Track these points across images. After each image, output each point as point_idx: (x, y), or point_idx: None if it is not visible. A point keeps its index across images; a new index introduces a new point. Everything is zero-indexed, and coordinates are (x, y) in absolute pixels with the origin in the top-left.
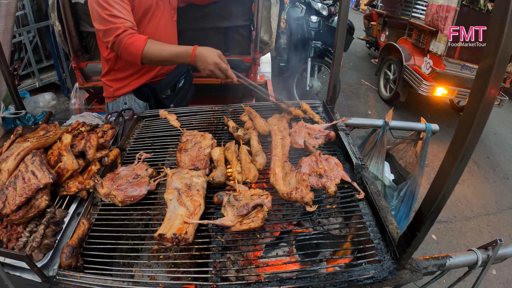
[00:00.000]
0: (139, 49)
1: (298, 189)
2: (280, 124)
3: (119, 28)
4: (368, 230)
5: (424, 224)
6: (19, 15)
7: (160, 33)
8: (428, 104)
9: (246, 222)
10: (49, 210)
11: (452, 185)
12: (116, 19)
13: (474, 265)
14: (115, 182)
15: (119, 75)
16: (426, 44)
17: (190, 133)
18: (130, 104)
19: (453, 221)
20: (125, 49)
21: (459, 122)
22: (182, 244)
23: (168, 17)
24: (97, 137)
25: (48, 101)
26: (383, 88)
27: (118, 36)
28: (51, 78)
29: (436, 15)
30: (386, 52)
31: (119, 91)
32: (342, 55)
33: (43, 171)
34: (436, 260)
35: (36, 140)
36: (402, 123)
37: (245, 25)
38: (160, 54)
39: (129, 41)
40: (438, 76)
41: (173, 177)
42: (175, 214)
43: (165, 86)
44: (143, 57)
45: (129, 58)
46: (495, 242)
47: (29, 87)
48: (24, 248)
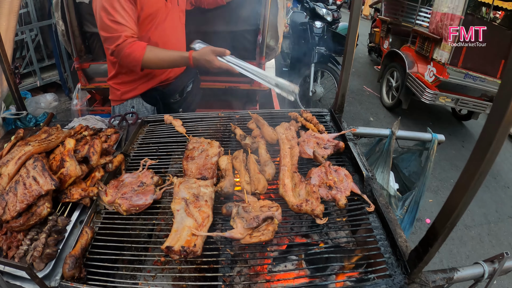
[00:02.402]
0: (138, 59)
1: (308, 201)
2: (288, 133)
3: (120, 37)
4: (379, 244)
5: (437, 240)
6: (21, 13)
7: (169, 36)
8: (430, 112)
9: (256, 235)
10: (51, 218)
11: (468, 202)
12: (119, 26)
13: (481, 278)
14: (119, 190)
15: (127, 78)
16: (430, 52)
17: (197, 140)
18: (137, 108)
19: (454, 230)
20: (124, 58)
21: (477, 141)
22: (191, 257)
23: (176, 19)
24: (101, 143)
25: (49, 102)
26: (385, 95)
27: (118, 45)
28: (53, 78)
29: (440, 23)
30: (389, 59)
31: (127, 95)
32: (351, 62)
33: (45, 177)
34: (444, 273)
35: (38, 144)
36: (409, 133)
37: (252, 30)
38: (158, 63)
39: (128, 51)
40: (441, 84)
41: (180, 187)
42: (183, 225)
43: (174, 90)
44: (142, 65)
45: (128, 66)
46: (501, 255)
47: (30, 86)
48: (24, 256)
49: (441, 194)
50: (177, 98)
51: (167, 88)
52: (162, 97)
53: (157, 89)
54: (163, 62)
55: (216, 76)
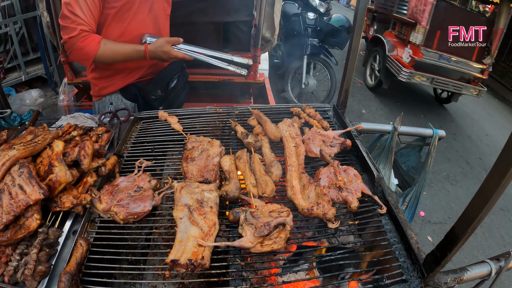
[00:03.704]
0: (91, 53)
1: (319, 205)
2: (291, 130)
3: (75, 30)
4: (393, 248)
5: (456, 245)
6: (5, 5)
7: (149, 27)
8: (413, 94)
9: (267, 243)
10: (41, 230)
11: (490, 207)
12: (75, 18)
13: (488, 276)
14: (114, 196)
15: (104, 73)
16: (407, 35)
17: (196, 139)
18: (116, 104)
19: (448, 222)
20: (76, 51)
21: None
22: (198, 270)
23: (160, 10)
24: (92, 144)
25: (35, 99)
26: (368, 77)
27: (72, 38)
28: (38, 72)
29: (415, 8)
30: (373, 44)
31: (105, 90)
32: (356, 56)
33: (32, 185)
34: (455, 273)
35: (23, 147)
36: (411, 129)
37: (246, 21)
38: (113, 57)
39: (81, 45)
40: (417, 64)
41: (182, 192)
42: (187, 235)
43: (154, 86)
44: (95, 59)
45: (79, 60)
46: (507, 253)
47: (14, 80)
48: (15, 273)
49: (434, 187)
50: (159, 94)
51: (148, 84)
52: (142, 93)
53: (136, 84)
54: (118, 56)
55: (207, 69)
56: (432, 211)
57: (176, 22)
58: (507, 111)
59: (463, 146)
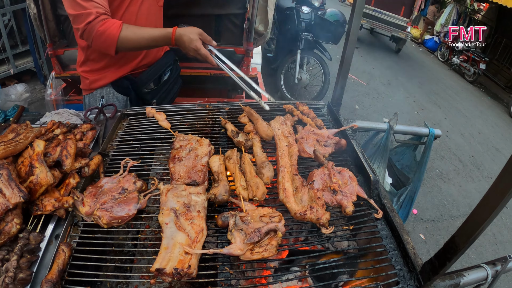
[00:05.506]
0: (113, 37)
1: (313, 209)
2: (284, 128)
3: (91, 14)
4: (389, 255)
5: (456, 255)
6: None
7: (142, 19)
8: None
9: (258, 250)
10: (22, 236)
11: (493, 218)
12: (88, 3)
13: (484, 281)
14: (98, 199)
15: (96, 65)
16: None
17: (184, 138)
18: (108, 98)
19: (440, 220)
20: (97, 37)
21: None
22: (185, 279)
23: (153, 1)
24: (75, 144)
25: (20, 94)
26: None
27: (89, 23)
28: (27, 65)
29: None
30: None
31: (96, 84)
32: (353, 52)
33: (11, 188)
34: (451, 279)
35: (3, 147)
36: (406, 128)
37: (239, 14)
38: (137, 41)
39: (101, 29)
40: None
41: (168, 195)
42: (173, 241)
43: (147, 79)
44: (118, 46)
45: (101, 47)
46: (504, 258)
47: (3, 74)
48: None
49: (426, 184)
50: (152, 88)
51: (140, 77)
52: (135, 86)
53: (128, 77)
54: (142, 40)
55: (199, 62)
56: (424, 209)
57: (167, 14)
58: (499, 109)
59: (456, 144)
